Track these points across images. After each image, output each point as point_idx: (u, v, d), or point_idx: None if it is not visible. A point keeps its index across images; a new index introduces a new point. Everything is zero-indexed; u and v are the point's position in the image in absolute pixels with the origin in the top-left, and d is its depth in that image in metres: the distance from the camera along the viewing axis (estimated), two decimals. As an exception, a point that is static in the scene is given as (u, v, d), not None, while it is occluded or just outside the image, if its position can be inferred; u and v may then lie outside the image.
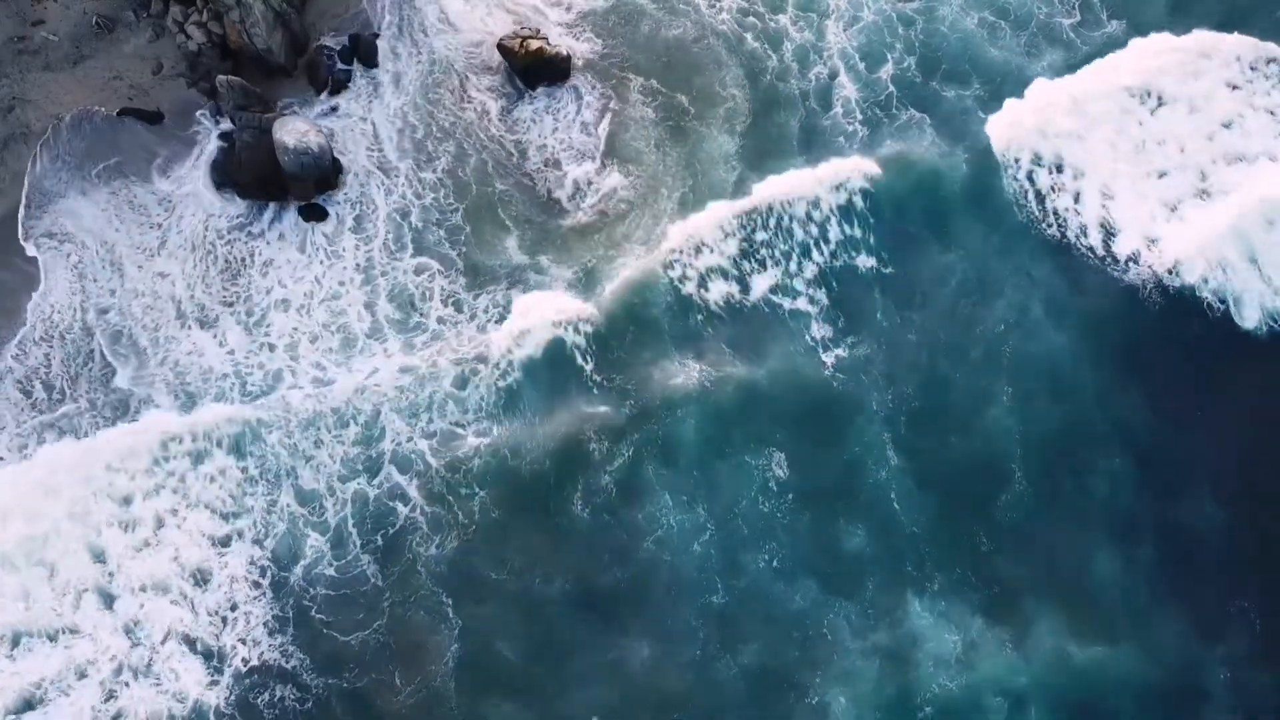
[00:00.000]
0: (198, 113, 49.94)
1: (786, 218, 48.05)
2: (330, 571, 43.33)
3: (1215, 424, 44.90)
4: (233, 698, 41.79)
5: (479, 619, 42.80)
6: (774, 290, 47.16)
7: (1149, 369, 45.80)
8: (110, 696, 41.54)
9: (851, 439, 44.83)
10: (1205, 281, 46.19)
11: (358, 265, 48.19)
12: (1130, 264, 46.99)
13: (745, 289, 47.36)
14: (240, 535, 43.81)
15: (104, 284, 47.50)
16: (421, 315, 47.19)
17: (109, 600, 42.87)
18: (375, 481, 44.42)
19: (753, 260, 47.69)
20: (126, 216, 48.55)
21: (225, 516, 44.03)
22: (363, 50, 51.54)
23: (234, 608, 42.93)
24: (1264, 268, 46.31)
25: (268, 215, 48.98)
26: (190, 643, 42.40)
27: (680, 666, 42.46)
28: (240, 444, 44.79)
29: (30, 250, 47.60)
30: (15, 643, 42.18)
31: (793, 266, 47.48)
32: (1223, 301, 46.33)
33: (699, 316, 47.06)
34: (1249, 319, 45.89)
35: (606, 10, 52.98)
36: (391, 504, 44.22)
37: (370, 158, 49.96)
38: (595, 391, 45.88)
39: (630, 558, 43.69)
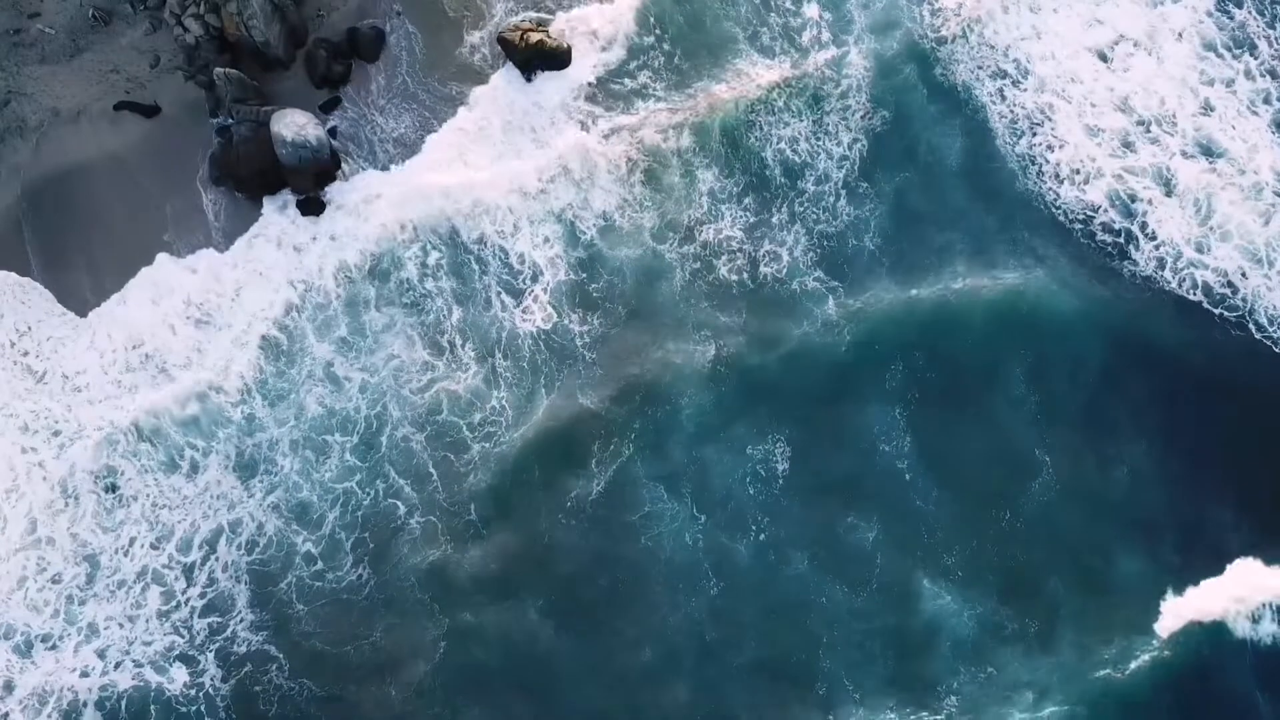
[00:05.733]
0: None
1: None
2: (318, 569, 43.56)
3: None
4: (226, 691, 42.04)
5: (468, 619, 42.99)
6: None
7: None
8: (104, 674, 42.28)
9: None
10: None
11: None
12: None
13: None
14: (231, 533, 43.93)
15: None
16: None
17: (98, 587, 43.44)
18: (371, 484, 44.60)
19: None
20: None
21: (210, 514, 44.32)
22: (361, 44, 51.02)
23: (222, 601, 43.24)
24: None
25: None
26: (177, 631, 42.81)
27: (677, 667, 42.31)
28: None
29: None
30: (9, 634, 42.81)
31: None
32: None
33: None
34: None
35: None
36: (391, 503, 44.34)
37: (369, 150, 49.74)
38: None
39: (625, 552, 43.62)
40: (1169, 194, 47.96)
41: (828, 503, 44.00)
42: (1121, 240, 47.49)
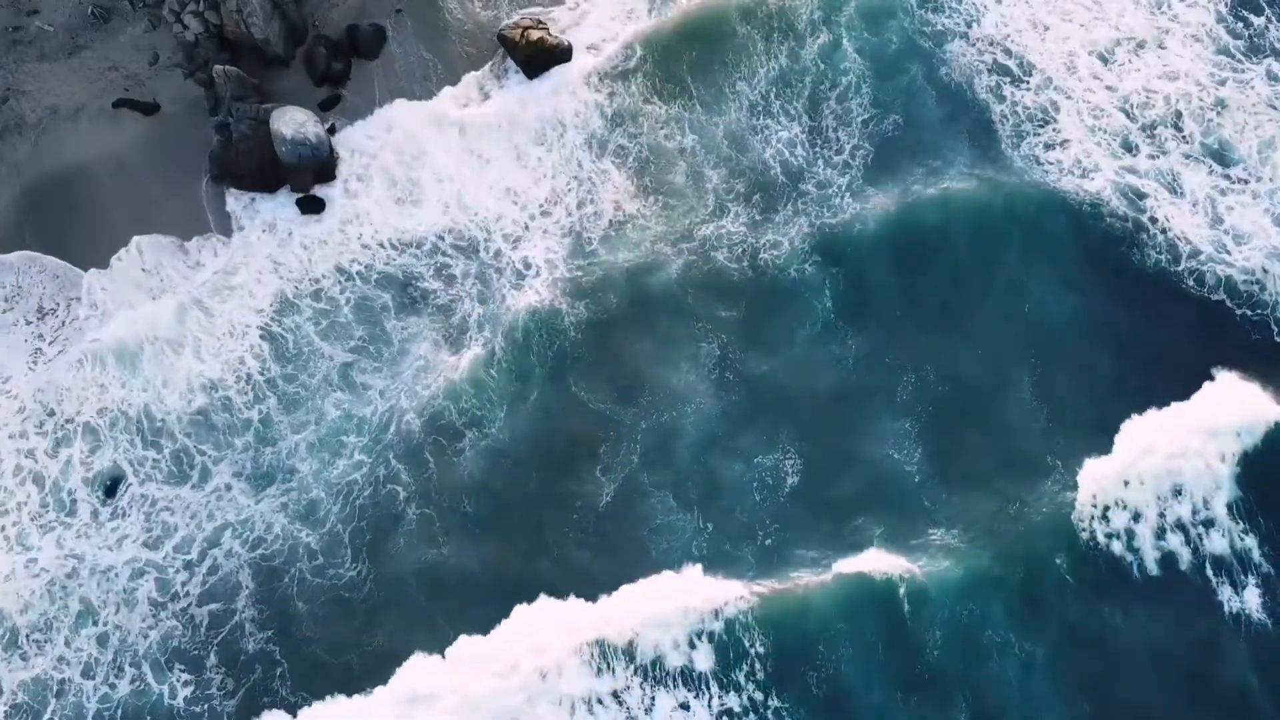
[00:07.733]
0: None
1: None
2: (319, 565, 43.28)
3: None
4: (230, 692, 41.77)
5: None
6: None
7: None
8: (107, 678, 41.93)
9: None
10: None
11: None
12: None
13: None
14: (232, 533, 43.60)
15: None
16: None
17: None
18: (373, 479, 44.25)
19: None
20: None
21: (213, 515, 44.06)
22: (360, 42, 50.87)
23: (222, 597, 42.94)
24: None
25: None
26: (176, 632, 42.45)
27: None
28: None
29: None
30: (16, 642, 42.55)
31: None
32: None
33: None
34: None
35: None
36: (390, 491, 44.07)
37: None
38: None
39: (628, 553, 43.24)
40: (1176, 195, 47.65)
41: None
42: (1132, 228, 47.24)
